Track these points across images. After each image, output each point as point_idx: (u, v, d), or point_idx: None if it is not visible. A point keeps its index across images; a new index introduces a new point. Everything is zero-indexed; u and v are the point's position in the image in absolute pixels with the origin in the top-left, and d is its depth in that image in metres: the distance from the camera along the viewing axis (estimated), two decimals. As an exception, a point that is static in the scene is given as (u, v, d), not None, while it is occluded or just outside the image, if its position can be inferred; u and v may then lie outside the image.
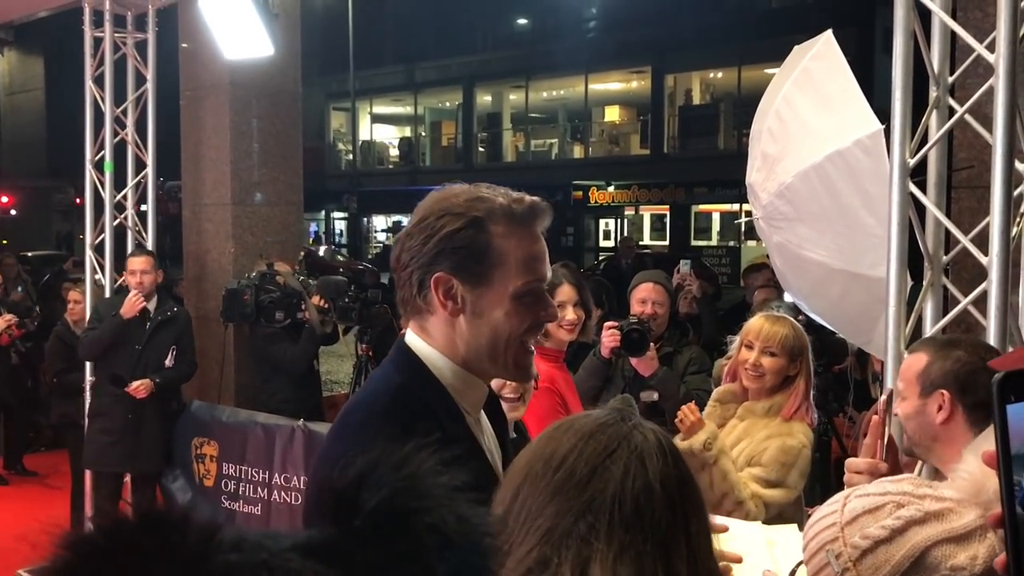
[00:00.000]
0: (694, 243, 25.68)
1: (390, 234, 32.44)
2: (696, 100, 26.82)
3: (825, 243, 2.93)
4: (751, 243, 25.02)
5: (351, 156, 31.52)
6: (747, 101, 24.41)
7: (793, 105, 3.03)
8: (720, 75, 26.26)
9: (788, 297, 4.14)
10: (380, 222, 34.06)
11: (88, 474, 5.49)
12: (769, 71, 22.30)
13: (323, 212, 32.89)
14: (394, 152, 33.83)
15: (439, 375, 1.51)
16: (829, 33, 3.07)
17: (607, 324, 3.73)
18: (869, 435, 2.13)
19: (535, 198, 1.64)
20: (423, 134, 32.77)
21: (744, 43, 23.12)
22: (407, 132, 33.55)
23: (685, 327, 4.27)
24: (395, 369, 1.54)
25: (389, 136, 34.41)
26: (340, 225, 34.06)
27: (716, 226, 26.87)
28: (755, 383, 3.02)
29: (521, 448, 1.25)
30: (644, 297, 4.00)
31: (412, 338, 1.54)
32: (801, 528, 2.78)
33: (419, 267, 1.49)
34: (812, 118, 2.99)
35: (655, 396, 3.68)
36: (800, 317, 3.96)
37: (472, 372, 1.53)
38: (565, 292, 3.25)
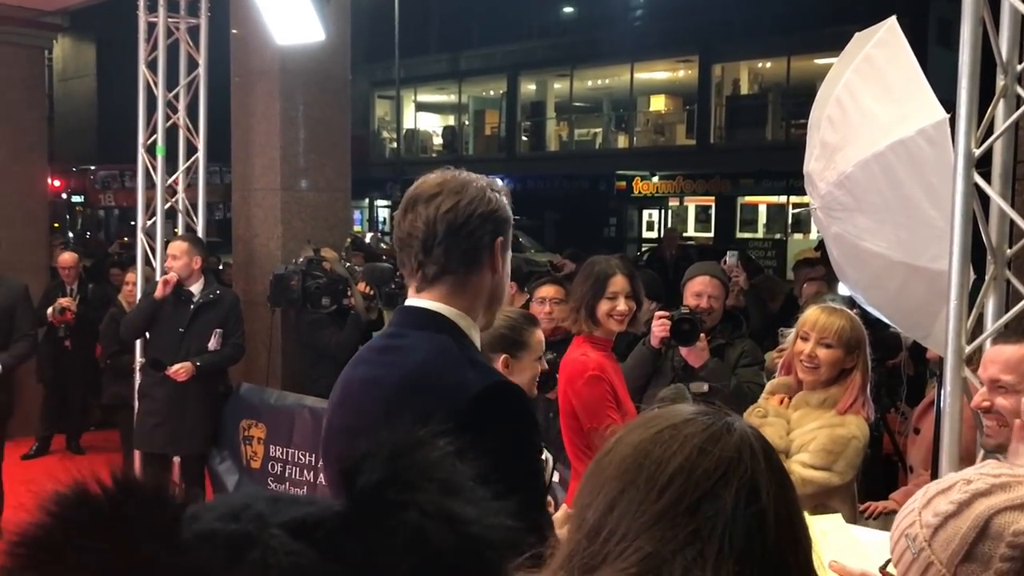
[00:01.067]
0: (739, 235, 25.37)
1: (433, 222, 32.39)
2: (744, 90, 26.48)
3: (885, 234, 2.87)
4: (798, 236, 24.69)
5: (395, 145, 31.60)
6: (796, 92, 24.09)
7: (854, 93, 2.96)
8: (769, 65, 25.90)
9: (842, 290, 4.06)
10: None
11: (137, 454, 5.57)
12: (819, 61, 22.08)
13: (367, 200, 33.07)
14: (438, 141, 33.89)
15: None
16: (893, 20, 3.00)
17: (658, 313, 3.70)
18: (1014, 439, 2.08)
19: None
20: (467, 123, 32.78)
21: (794, 33, 22.76)
22: (451, 121, 33.58)
23: (739, 320, 4.21)
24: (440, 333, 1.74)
25: (433, 125, 34.47)
26: (383, 213, 34.23)
27: (762, 218, 26.53)
28: (810, 375, 2.96)
29: None
30: (700, 290, 3.95)
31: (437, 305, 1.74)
32: (847, 519, 2.74)
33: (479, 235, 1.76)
34: (874, 106, 2.91)
35: (705, 387, 3.64)
36: (855, 310, 3.90)
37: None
38: (618, 283, 3.22)
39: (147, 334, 5.43)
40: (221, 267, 7.95)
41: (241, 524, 0.58)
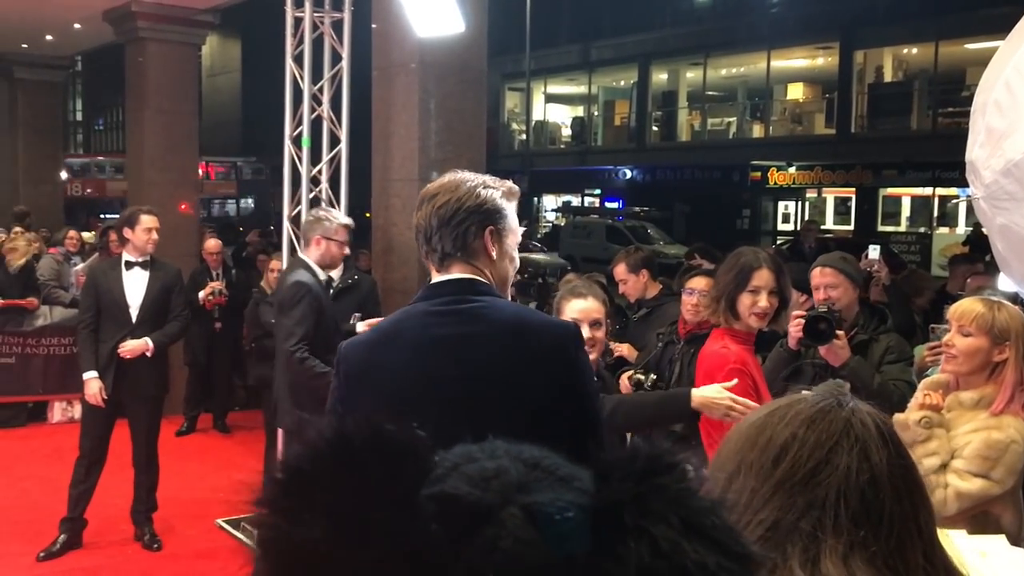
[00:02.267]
0: (881, 229, 24.33)
1: (559, 214, 32.59)
2: (887, 77, 25.34)
3: (1057, 226, 2.68)
4: (943, 230, 23.50)
5: (524, 136, 31.78)
6: (945, 78, 22.92)
7: (1025, 75, 2.77)
8: (915, 51, 24.70)
9: (1004, 284, 3.83)
10: (550, 202, 34.27)
11: (280, 433, 5.78)
12: (971, 46, 20.94)
13: (495, 191, 33.36)
14: (566, 132, 33.88)
15: None
16: (1070, -4, 2.79)
17: (794, 313, 3.56)
18: None
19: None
20: (596, 113, 32.63)
21: (942, 16, 21.62)
22: (580, 112, 33.50)
23: (883, 313, 4.02)
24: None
25: (562, 116, 34.49)
26: (512, 204, 34.48)
27: (906, 211, 25.36)
28: (949, 364, 2.82)
29: None
30: (817, 283, 3.81)
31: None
32: (1011, 529, 2.58)
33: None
34: (1047, 89, 2.72)
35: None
36: (1020, 306, 3.67)
37: None
38: (763, 277, 3.07)
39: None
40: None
41: (487, 494, 0.57)
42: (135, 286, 5.33)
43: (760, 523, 1.06)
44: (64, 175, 18.16)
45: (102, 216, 22.50)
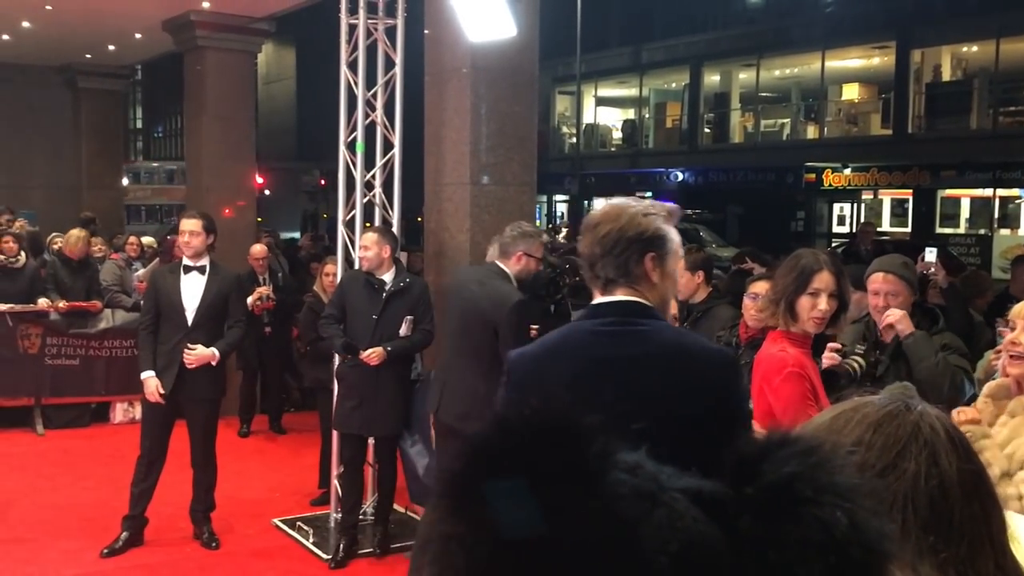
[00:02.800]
0: (939, 230, 23.81)
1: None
2: (946, 76, 24.79)
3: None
4: (1005, 232, 22.93)
5: (574, 140, 31.74)
6: (1006, 76, 22.34)
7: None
8: (975, 49, 24.13)
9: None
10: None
11: (335, 434, 5.87)
12: (1034, 43, 20.35)
13: (545, 195, 33.41)
14: (617, 135, 33.76)
15: None
16: None
17: (830, 345, 3.48)
18: None
19: None
20: (647, 116, 32.47)
21: (1003, 13, 21.09)
22: (631, 114, 33.36)
23: (935, 315, 3.95)
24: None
25: (612, 119, 34.38)
26: (561, 208, 34.48)
27: (965, 213, 24.78)
28: (1014, 367, 2.73)
29: None
30: (876, 288, 3.74)
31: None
32: None
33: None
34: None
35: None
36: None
37: None
38: (823, 279, 3.02)
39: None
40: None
41: (641, 480, 0.58)
42: (192, 290, 5.44)
43: None
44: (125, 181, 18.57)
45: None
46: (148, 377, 5.35)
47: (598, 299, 2.23)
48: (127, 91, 20.44)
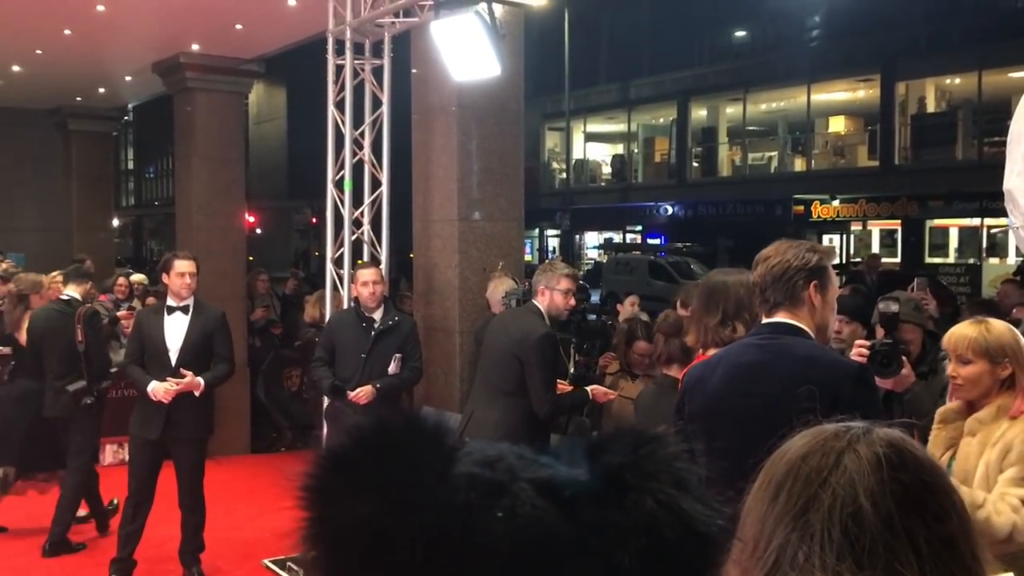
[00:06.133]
0: (928, 260, 23.96)
1: (601, 250, 32.58)
2: (931, 108, 25.09)
3: (1097, 253, 2.65)
4: (994, 260, 23.06)
5: (564, 175, 31.97)
6: (989, 108, 22.60)
7: (1060, 104, 2.77)
8: (958, 80, 24.45)
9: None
10: (592, 239, 34.26)
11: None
12: (1015, 75, 20.67)
13: (537, 230, 33.53)
14: (606, 169, 33.99)
15: None
16: (1103, 23, 2.78)
17: (858, 342, 3.54)
18: None
19: None
20: (636, 151, 32.73)
21: (985, 46, 21.41)
22: (620, 149, 33.61)
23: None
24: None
25: (602, 154, 34.63)
26: (553, 243, 34.61)
27: (953, 242, 24.96)
28: (959, 394, 2.84)
29: None
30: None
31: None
32: None
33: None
34: (1083, 117, 2.71)
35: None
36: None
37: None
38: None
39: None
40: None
41: (496, 473, 0.66)
42: (175, 330, 5.40)
43: (767, 558, 1.10)
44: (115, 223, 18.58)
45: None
46: (153, 386, 5.27)
47: (762, 320, 2.69)
48: (118, 132, 20.51)
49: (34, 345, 6.07)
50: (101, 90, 11.73)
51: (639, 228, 31.60)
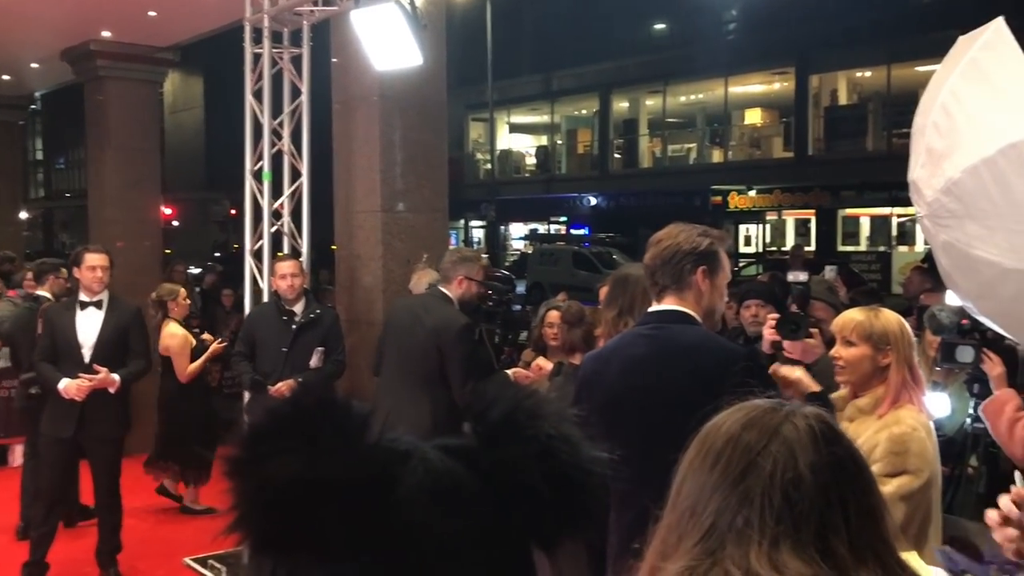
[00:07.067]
0: (841, 248, 24.71)
1: (527, 241, 32.70)
2: (843, 100, 25.85)
3: (996, 241, 2.76)
4: (903, 248, 23.90)
5: (489, 166, 32.00)
6: (897, 100, 23.38)
7: (960, 98, 2.87)
8: (868, 74, 25.24)
9: (951, 300, 3.93)
10: (517, 230, 34.38)
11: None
12: (922, 69, 21.40)
13: (462, 221, 33.49)
14: (531, 160, 34.12)
15: None
16: (1000, 21, 2.90)
17: (770, 316, 3.63)
18: None
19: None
20: (559, 142, 32.93)
21: (894, 40, 22.14)
22: (544, 140, 33.78)
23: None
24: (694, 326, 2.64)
25: (526, 145, 34.75)
26: (478, 234, 34.61)
27: (865, 231, 25.78)
28: (840, 376, 2.88)
29: None
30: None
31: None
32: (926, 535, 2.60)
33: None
34: (982, 111, 2.82)
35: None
36: (965, 322, 3.77)
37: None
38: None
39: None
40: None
41: (402, 444, 0.76)
42: (88, 326, 5.23)
43: (702, 525, 1.14)
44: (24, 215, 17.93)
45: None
46: (65, 384, 5.09)
47: (651, 307, 2.68)
48: (25, 122, 19.78)
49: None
50: (6, 77, 11.30)
51: (563, 219, 31.80)
